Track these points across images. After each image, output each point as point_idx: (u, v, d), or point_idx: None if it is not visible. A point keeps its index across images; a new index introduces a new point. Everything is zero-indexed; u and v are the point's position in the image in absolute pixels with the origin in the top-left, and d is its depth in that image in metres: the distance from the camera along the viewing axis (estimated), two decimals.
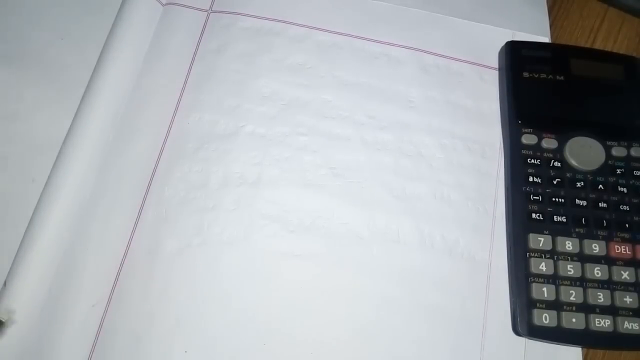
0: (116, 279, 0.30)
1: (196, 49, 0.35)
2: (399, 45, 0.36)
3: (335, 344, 0.30)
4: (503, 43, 0.36)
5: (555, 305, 0.29)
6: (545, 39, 0.37)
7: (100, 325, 0.29)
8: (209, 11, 0.36)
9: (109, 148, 0.32)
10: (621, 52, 0.38)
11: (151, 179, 0.32)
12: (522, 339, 0.30)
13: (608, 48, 0.39)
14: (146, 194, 0.32)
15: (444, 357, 0.30)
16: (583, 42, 0.39)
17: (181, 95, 0.34)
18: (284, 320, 0.30)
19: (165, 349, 0.29)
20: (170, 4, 0.36)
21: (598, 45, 0.39)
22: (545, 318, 0.29)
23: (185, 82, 0.34)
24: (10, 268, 0.29)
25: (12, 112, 0.33)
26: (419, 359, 0.30)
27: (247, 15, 0.36)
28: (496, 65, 0.36)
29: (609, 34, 0.39)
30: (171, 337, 0.29)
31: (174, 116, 0.33)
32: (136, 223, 0.31)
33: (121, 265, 0.30)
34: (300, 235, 0.31)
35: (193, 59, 0.35)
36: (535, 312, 0.29)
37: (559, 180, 0.32)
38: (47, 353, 0.28)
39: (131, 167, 0.32)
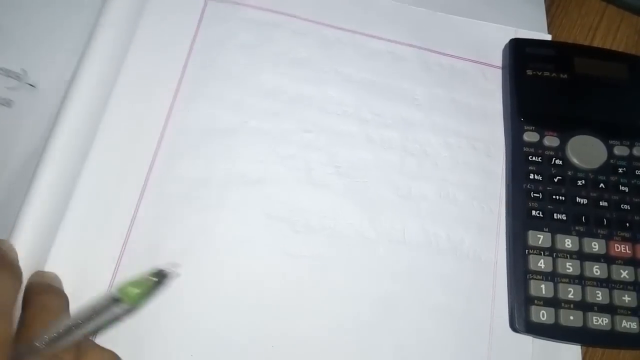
0: (112, 280, 0.29)
1: (194, 39, 0.34)
2: (403, 43, 0.36)
3: (343, 343, 0.29)
4: (505, 41, 0.36)
5: (553, 302, 0.30)
6: (548, 36, 0.37)
7: None
8: None
9: (101, 142, 0.31)
10: (620, 49, 0.38)
11: (148, 176, 0.31)
12: (529, 338, 0.30)
13: (607, 46, 0.39)
14: (142, 191, 0.30)
15: (452, 356, 0.30)
16: (582, 40, 0.39)
17: (179, 86, 0.33)
18: (291, 322, 0.29)
19: (171, 353, 0.28)
20: None
21: (597, 43, 0.39)
22: (543, 315, 0.29)
23: (183, 73, 0.33)
24: None
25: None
26: (426, 359, 0.30)
27: (247, 5, 0.35)
28: (499, 64, 0.36)
29: (607, 31, 0.39)
30: (176, 340, 0.28)
31: (171, 108, 0.32)
32: (132, 222, 0.30)
33: (117, 266, 0.29)
34: (306, 235, 0.31)
35: (191, 48, 0.34)
36: (533, 308, 0.29)
37: (560, 178, 0.32)
38: None
39: (125, 162, 0.31)
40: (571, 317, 0.29)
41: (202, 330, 0.29)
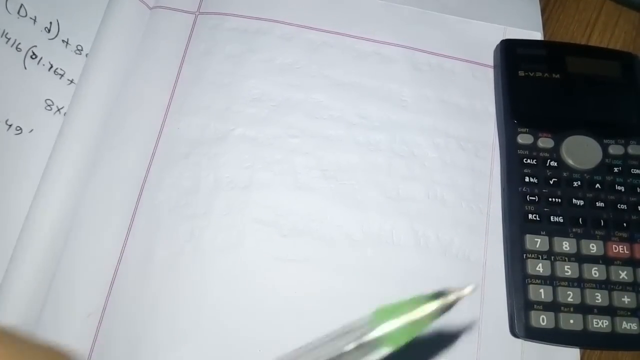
0: (110, 288, 0.30)
1: (185, 52, 0.34)
2: (390, 44, 0.35)
3: None
4: (495, 39, 0.35)
5: (553, 306, 0.29)
6: (538, 34, 0.36)
7: (96, 335, 0.29)
8: (197, 13, 0.35)
9: (99, 155, 0.32)
10: (618, 45, 0.38)
11: (142, 186, 0.32)
12: (519, 339, 0.30)
13: (605, 42, 0.38)
14: (138, 201, 0.31)
15: (441, 357, 0.30)
16: (579, 36, 0.38)
17: (171, 99, 0.33)
18: (279, 326, 0.29)
19: (161, 358, 0.29)
20: (157, 7, 0.35)
21: (595, 39, 0.38)
22: (543, 320, 0.29)
23: (175, 86, 0.34)
24: (3, 280, 0.29)
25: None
26: None
27: (235, 15, 0.35)
28: (488, 62, 0.35)
29: (605, 27, 0.39)
30: (166, 345, 0.29)
31: (164, 121, 0.33)
32: (129, 231, 0.31)
33: (115, 273, 0.30)
34: (293, 239, 0.31)
35: (182, 63, 0.34)
36: (533, 313, 0.29)
37: (556, 180, 0.32)
38: None
39: (122, 174, 0.32)
40: (571, 321, 0.29)
41: (190, 334, 0.29)
